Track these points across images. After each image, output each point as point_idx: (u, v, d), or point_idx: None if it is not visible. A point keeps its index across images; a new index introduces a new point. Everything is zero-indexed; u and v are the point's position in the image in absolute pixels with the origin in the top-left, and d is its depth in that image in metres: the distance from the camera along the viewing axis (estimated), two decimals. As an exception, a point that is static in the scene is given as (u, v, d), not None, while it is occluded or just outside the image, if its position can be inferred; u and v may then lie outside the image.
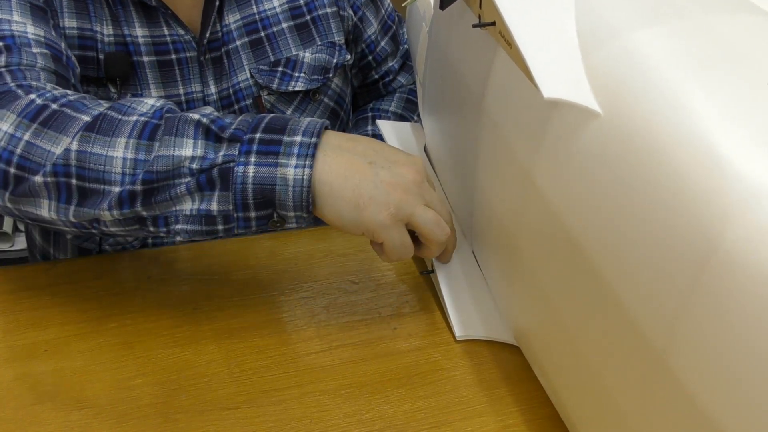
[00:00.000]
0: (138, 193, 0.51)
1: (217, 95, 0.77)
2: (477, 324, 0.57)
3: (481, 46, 0.51)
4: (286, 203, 0.51)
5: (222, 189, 0.51)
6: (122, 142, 0.52)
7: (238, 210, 0.52)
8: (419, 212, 0.52)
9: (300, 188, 0.51)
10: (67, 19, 0.69)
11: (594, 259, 0.38)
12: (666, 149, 0.32)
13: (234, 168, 0.51)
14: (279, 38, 0.80)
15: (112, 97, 0.71)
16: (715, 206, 0.29)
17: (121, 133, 0.52)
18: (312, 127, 0.53)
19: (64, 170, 0.52)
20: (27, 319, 0.59)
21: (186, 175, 0.51)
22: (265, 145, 0.51)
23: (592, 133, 0.37)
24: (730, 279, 0.28)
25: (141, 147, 0.51)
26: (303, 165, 0.51)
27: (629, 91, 0.36)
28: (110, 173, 0.51)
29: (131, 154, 0.51)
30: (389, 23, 0.91)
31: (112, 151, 0.51)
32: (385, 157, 0.54)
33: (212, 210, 0.52)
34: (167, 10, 0.72)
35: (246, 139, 0.52)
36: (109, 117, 0.53)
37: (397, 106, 0.92)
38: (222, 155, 0.51)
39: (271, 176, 0.51)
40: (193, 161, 0.51)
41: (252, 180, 0.51)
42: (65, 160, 0.52)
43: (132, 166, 0.51)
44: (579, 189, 0.39)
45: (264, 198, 0.51)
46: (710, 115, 0.32)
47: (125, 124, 0.52)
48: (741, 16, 0.39)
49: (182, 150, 0.51)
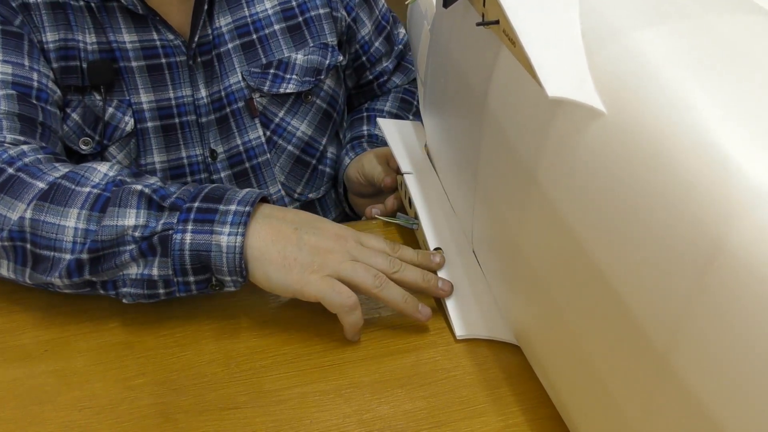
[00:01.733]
0: (85, 261, 0.54)
1: (208, 98, 0.76)
2: (477, 323, 0.57)
3: (484, 44, 0.51)
4: (221, 268, 0.54)
5: (162, 255, 0.54)
6: (74, 213, 0.55)
7: (177, 275, 0.55)
8: (346, 267, 0.55)
9: (233, 254, 0.54)
10: (49, 33, 0.69)
11: (597, 259, 0.37)
12: (669, 149, 0.32)
13: (172, 235, 0.54)
14: (271, 40, 0.79)
15: (97, 105, 0.71)
16: (719, 207, 0.29)
17: (74, 204, 0.55)
18: (248, 197, 0.56)
19: (20, 236, 0.55)
20: (27, 319, 0.59)
21: (130, 242, 0.54)
22: (202, 213, 0.55)
23: (596, 132, 0.37)
24: (734, 280, 0.28)
25: (92, 218, 0.55)
26: (236, 233, 0.54)
27: (633, 90, 0.36)
28: (61, 241, 0.54)
29: (83, 224, 0.54)
30: (383, 24, 0.91)
31: (64, 221, 0.55)
32: (310, 223, 0.57)
33: (153, 275, 0.55)
34: (156, 16, 0.72)
35: (185, 208, 0.55)
36: (63, 187, 0.56)
37: (392, 106, 0.92)
38: (162, 223, 0.54)
39: (207, 243, 0.54)
40: (135, 230, 0.54)
41: (189, 246, 0.54)
42: (20, 227, 0.55)
43: (83, 235, 0.54)
44: (582, 188, 0.38)
45: (201, 264, 0.54)
46: (714, 115, 0.32)
47: (78, 195, 0.56)
48: (742, 15, 0.38)
49: (125, 219, 0.54)
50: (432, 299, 0.61)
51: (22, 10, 0.68)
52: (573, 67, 0.39)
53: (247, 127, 0.79)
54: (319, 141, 0.85)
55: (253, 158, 0.81)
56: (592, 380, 0.41)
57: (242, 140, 0.80)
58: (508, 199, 0.49)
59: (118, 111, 0.72)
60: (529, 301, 0.50)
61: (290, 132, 0.82)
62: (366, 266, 0.55)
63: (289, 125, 0.82)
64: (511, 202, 0.49)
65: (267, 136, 0.81)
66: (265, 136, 0.81)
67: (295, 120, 0.82)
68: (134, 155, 0.75)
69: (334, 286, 0.54)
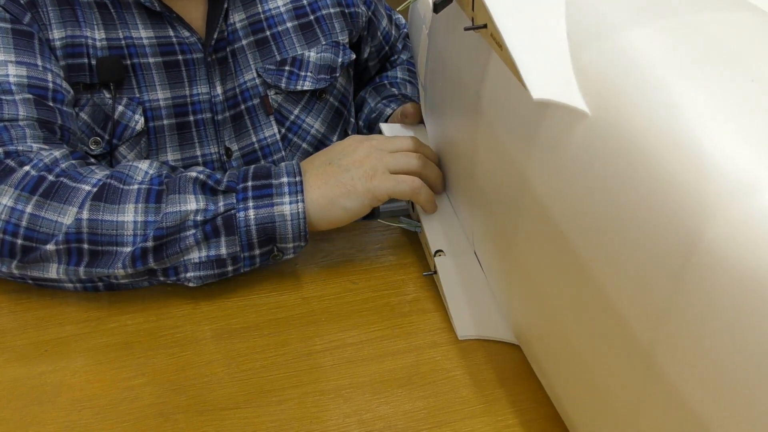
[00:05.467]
0: (149, 249, 0.57)
1: (224, 96, 0.76)
2: (479, 324, 0.57)
3: (476, 48, 0.51)
4: (286, 236, 0.59)
5: (227, 234, 0.58)
6: (131, 208, 0.58)
7: (244, 250, 0.59)
8: (389, 161, 0.63)
9: (297, 220, 0.59)
10: (55, 30, 0.68)
11: (585, 258, 0.38)
12: (649, 147, 0.32)
13: (236, 214, 0.58)
14: (284, 37, 0.80)
15: (107, 103, 0.71)
16: (695, 203, 0.29)
17: (128, 200, 0.58)
18: (291, 168, 0.62)
19: (76, 237, 0.57)
20: (27, 319, 0.59)
21: (191, 227, 0.58)
22: (259, 190, 0.60)
23: (580, 133, 0.38)
24: (711, 275, 0.28)
25: (149, 210, 0.58)
26: (296, 200, 0.59)
27: (616, 90, 0.36)
28: (122, 236, 0.57)
29: (141, 217, 0.58)
30: (389, 12, 0.95)
31: (122, 217, 0.58)
32: (334, 151, 0.65)
33: (222, 254, 0.59)
34: (172, 13, 0.72)
35: (240, 188, 0.60)
36: (112, 186, 0.59)
37: (404, 75, 0.94)
38: (222, 205, 0.58)
39: (270, 215, 0.59)
40: (197, 214, 0.58)
41: (254, 221, 0.58)
42: (77, 229, 0.57)
43: (142, 227, 0.57)
44: (569, 188, 0.39)
45: (266, 236, 0.59)
46: (695, 113, 0.32)
47: (129, 192, 0.59)
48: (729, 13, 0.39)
49: (187, 205, 0.58)
50: (434, 300, 0.61)
51: (30, 7, 0.67)
52: (558, 69, 0.39)
53: (262, 124, 0.79)
54: (331, 139, 0.86)
55: (267, 156, 0.81)
56: (585, 378, 0.41)
57: (257, 138, 0.80)
58: (503, 201, 0.50)
59: (128, 109, 0.72)
60: (526, 301, 0.50)
61: (305, 130, 0.83)
62: (407, 156, 0.64)
63: (303, 123, 0.82)
64: (506, 204, 0.49)
65: (282, 134, 0.81)
66: (280, 134, 0.81)
67: (309, 118, 0.82)
68: (145, 154, 0.74)
69: (395, 178, 0.62)
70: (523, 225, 0.46)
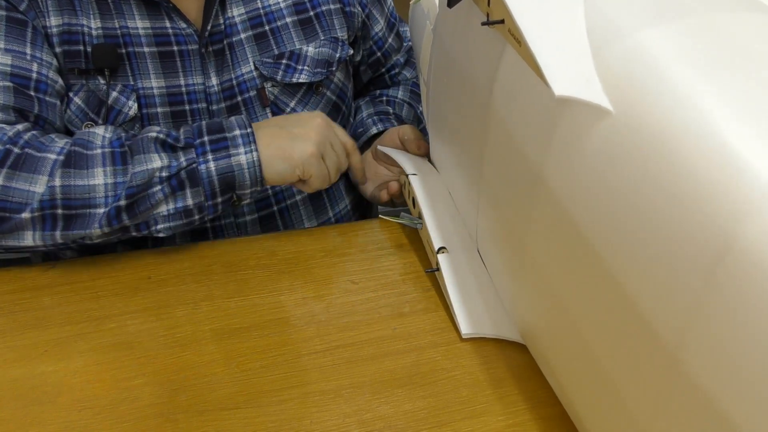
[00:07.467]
0: (123, 208, 0.62)
1: (219, 87, 0.77)
2: (483, 322, 0.57)
3: (489, 43, 0.51)
4: (244, 183, 0.65)
5: (192, 186, 0.64)
6: (99, 172, 0.62)
7: (208, 199, 0.65)
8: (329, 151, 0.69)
9: (253, 168, 0.65)
10: (53, 17, 0.70)
11: (605, 258, 0.37)
12: (678, 147, 0.32)
13: (197, 167, 0.64)
14: (283, 32, 0.80)
15: (101, 89, 0.72)
16: (729, 205, 0.29)
17: (95, 164, 0.62)
18: (240, 121, 0.67)
19: (51, 203, 0.61)
20: (27, 319, 0.59)
21: (157, 183, 0.63)
22: (215, 143, 0.65)
23: (604, 131, 0.37)
24: (745, 277, 0.28)
25: (117, 171, 0.62)
26: (250, 150, 0.65)
27: (640, 89, 0.36)
28: (95, 198, 0.62)
29: (110, 179, 0.62)
30: (392, 21, 0.94)
31: (92, 180, 0.62)
32: (291, 119, 0.70)
33: (189, 205, 0.64)
34: (169, 3, 0.73)
35: (198, 143, 0.65)
36: (77, 152, 0.62)
37: (404, 95, 0.94)
38: (184, 160, 0.64)
39: (229, 165, 0.64)
40: (162, 170, 0.63)
41: (216, 173, 0.64)
42: (51, 195, 0.61)
43: (113, 188, 0.62)
44: (590, 187, 0.38)
45: (227, 184, 0.65)
46: (722, 113, 0.32)
47: (95, 157, 0.63)
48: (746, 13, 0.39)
49: (152, 163, 0.63)
50: (434, 299, 0.61)
51: None
52: (579, 66, 0.39)
53: (258, 116, 0.80)
54: None
55: None
56: (600, 378, 0.41)
57: None
58: (514, 198, 0.49)
59: (121, 95, 0.73)
60: (536, 300, 0.50)
61: None
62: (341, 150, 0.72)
63: None
64: (517, 201, 0.49)
65: None
66: None
67: (305, 111, 0.83)
68: None
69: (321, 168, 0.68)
70: (536, 222, 0.46)
